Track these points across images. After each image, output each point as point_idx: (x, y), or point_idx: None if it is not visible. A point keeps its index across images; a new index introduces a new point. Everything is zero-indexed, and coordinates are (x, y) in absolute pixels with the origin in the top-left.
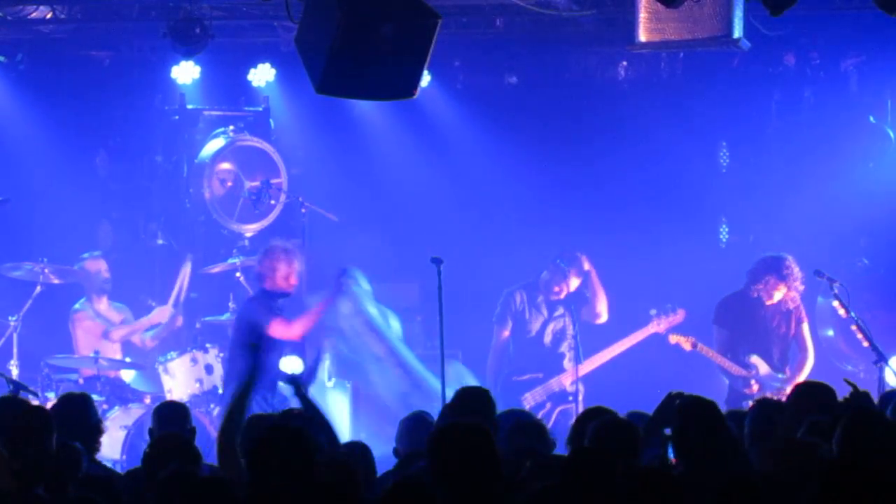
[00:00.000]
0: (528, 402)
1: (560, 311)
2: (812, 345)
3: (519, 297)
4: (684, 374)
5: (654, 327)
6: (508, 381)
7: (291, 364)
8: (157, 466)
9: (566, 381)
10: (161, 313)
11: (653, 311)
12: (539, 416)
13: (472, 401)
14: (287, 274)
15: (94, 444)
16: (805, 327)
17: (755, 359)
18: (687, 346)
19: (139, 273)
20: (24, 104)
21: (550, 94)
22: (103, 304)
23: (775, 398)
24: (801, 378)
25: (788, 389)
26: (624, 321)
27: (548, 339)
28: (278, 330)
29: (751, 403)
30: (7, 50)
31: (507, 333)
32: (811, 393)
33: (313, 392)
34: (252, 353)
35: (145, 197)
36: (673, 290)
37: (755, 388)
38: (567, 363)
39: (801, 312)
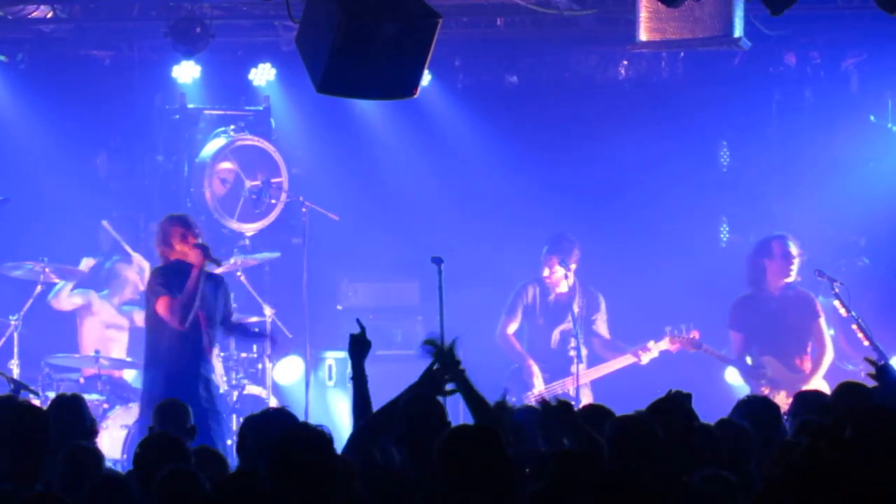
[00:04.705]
0: (529, 399)
1: (570, 315)
2: (829, 339)
3: (532, 290)
4: (685, 374)
5: (665, 345)
6: (515, 375)
7: (290, 366)
8: (149, 467)
9: (570, 385)
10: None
11: (668, 328)
12: None
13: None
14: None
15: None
16: (822, 322)
17: (768, 359)
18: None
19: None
20: (24, 104)
21: (550, 93)
22: (116, 299)
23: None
24: (821, 373)
25: (809, 387)
26: (624, 321)
27: (555, 339)
28: (162, 308)
29: None
30: (7, 50)
31: (514, 325)
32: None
33: (313, 393)
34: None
35: (146, 197)
36: (673, 290)
37: (765, 389)
38: (574, 367)
39: (816, 306)
